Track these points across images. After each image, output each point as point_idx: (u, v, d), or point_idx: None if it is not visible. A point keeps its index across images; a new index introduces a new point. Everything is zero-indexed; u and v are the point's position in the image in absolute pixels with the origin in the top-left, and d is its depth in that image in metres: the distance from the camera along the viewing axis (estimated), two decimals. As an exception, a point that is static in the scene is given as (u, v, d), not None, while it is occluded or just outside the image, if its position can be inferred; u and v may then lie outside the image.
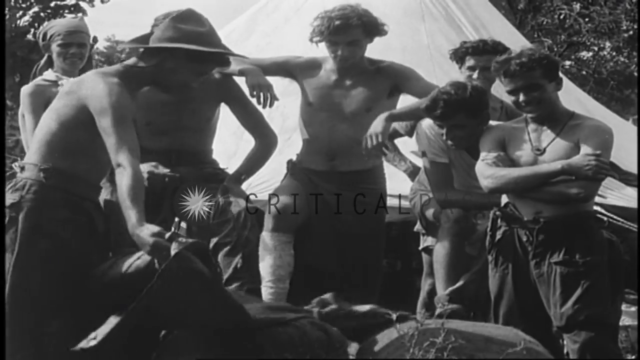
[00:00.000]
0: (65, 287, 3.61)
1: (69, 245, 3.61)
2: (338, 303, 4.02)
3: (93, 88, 3.64)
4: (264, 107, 4.62)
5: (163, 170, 4.53)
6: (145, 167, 4.52)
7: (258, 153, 4.78)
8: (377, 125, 4.49)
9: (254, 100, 4.61)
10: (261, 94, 4.55)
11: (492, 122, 4.44)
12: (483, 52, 4.93)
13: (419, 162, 5.04)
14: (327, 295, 4.09)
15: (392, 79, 4.72)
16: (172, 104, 4.64)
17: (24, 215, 3.61)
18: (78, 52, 5.23)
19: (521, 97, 4.07)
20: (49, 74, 5.22)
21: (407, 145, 5.27)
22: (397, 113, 4.67)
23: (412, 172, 5.33)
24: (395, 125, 4.97)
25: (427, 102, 4.38)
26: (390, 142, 5.23)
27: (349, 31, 4.61)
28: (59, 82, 5.16)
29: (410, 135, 5.04)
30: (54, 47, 5.23)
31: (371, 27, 4.67)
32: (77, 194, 3.67)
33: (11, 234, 3.62)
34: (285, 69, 4.83)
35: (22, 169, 3.71)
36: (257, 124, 4.76)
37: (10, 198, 3.66)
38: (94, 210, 3.74)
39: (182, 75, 3.82)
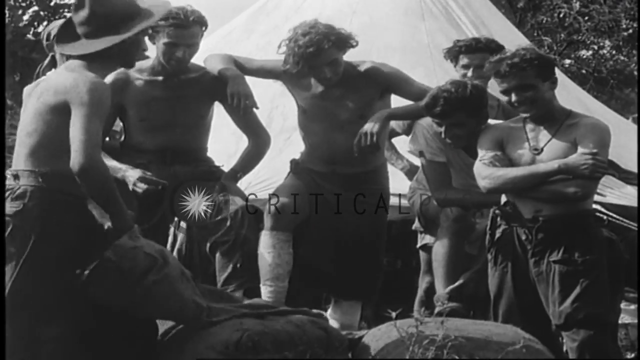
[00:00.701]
0: (69, 292, 3.60)
1: (77, 249, 3.59)
2: None
3: (74, 84, 3.59)
4: (242, 115, 4.61)
5: (153, 177, 4.53)
6: (135, 173, 4.53)
7: (252, 152, 4.80)
8: (374, 123, 4.47)
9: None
10: (240, 103, 4.53)
11: (489, 121, 4.44)
12: (476, 50, 4.95)
13: (416, 160, 5.04)
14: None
15: (381, 85, 4.65)
16: (166, 100, 4.66)
17: (31, 224, 3.56)
18: None
19: (513, 97, 4.07)
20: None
21: (406, 144, 5.27)
22: (396, 112, 4.66)
23: (409, 171, 5.34)
24: (393, 124, 4.96)
25: (427, 100, 4.37)
26: (388, 141, 5.22)
27: (323, 54, 4.51)
28: None
29: (408, 134, 5.04)
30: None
31: (342, 43, 4.56)
32: (79, 195, 3.62)
33: (17, 244, 3.57)
34: (274, 74, 4.80)
35: (16, 176, 3.64)
36: (250, 123, 4.78)
37: (12, 207, 3.60)
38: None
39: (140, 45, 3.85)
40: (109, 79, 4.78)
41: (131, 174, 4.55)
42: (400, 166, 5.37)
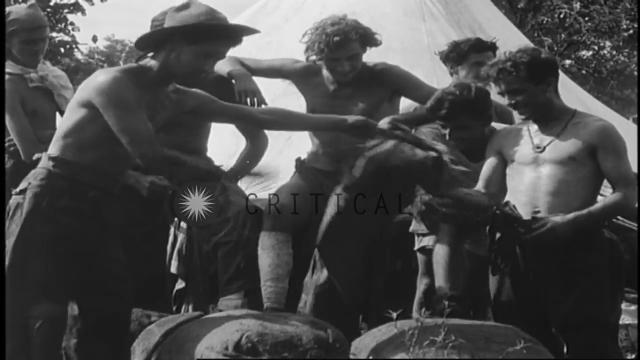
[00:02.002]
0: (58, 273, 3.68)
1: (67, 232, 3.66)
2: None
3: (97, 82, 3.69)
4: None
5: (165, 182, 4.55)
6: (147, 178, 4.55)
7: (251, 153, 4.82)
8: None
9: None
10: (248, 100, 4.55)
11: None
12: (487, 48, 5.01)
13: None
14: None
15: (391, 86, 4.68)
16: None
17: (27, 200, 3.69)
18: (42, 46, 5.10)
19: (506, 101, 4.10)
20: (13, 67, 5.06)
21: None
22: (400, 119, 4.65)
23: None
24: None
25: (431, 103, 4.37)
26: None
27: (349, 46, 4.56)
28: (25, 76, 5.05)
29: None
30: (16, 42, 5.04)
31: (367, 39, 4.63)
32: (84, 182, 3.72)
33: (16, 219, 3.71)
34: (282, 73, 4.83)
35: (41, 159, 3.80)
36: (248, 125, 4.79)
37: (20, 185, 3.77)
38: (103, 199, 3.78)
39: (187, 60, 3.76)
40: None
41: (144, 180, 4.59)
42: None
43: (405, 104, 4.95)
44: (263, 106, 4.61)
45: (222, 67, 4.71)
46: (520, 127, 4.24)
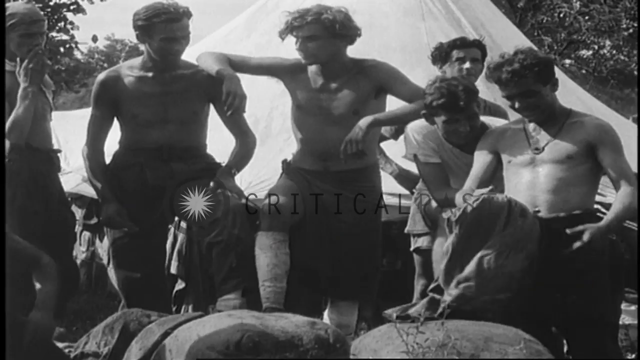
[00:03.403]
0: None
1: None
2: None
3: None
4: (229, 115, 4.62)
5: None
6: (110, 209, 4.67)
7: (241, 151, 4.84)
8: (357, 131, 4.47)
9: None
10: (233, 103, 4.54)
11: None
12: (470, 44, 5.05)
13: (406, 165, 5.05)
14: None
15: (377, 81, 4.66)
16: (158, 96, 4.69)
17: None
18: (41, 41, 4.96)
19: (517, 104, 4.07)
20: (7, 65, 4.92)
21: (394, 148, 5.27)
22: (381, 118, 4.63)
23: (399, 175, 5.36)
24: (382, 128, 4.95)
25: (445, 99, 4.31)
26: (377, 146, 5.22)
27: (305, 26, 4.56)
28: (17, 72, 4.99)
29: (396, 139, 5.05)
30: (14, 36, 4.91)
31: (328, 23, 4.57)
32: None
33: None
34: (271, 71, 4.82)
35: None
36: (239, 124, 4.80)
37: None
38: None
39: None
40: (101, 77, 4.82)
41: (105, 210, 4.70)
42: (389, 170, 5.37)
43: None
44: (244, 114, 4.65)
45: (210, 64, 4.69)
46: (515, 127, 4.22)
